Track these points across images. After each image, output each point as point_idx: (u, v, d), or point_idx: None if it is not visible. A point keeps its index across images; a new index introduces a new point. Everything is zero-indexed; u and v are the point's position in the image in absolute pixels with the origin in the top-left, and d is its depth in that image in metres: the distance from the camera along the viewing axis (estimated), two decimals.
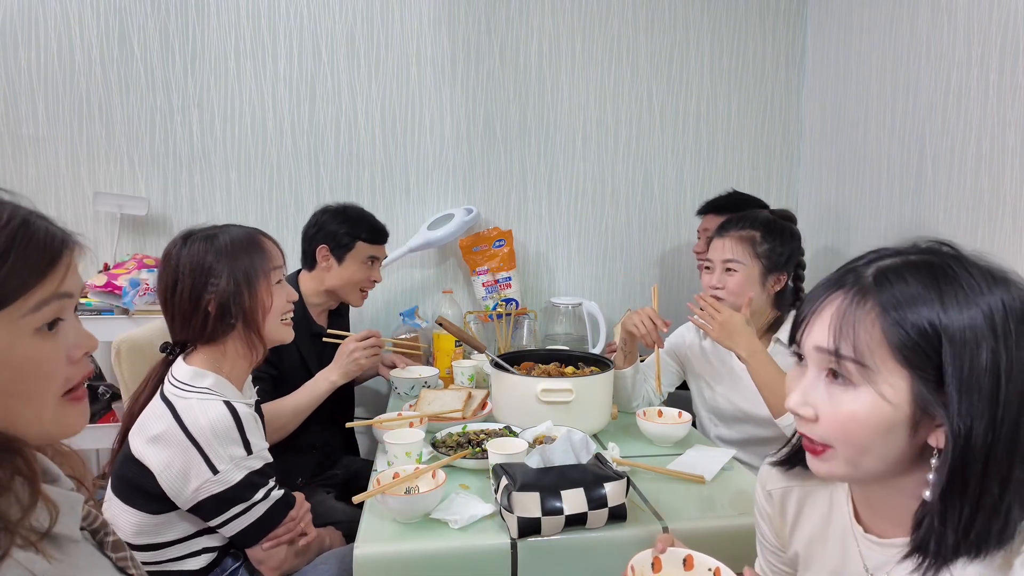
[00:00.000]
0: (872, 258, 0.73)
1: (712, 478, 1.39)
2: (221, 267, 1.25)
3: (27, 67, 2.29)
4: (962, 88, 1.84)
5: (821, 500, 0.87)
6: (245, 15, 2.37)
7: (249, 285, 1.26)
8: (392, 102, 2.48)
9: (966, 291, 0.66)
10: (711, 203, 2.28)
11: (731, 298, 1.66)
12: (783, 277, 1.69)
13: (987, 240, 1.75)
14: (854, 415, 0.69)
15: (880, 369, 0.68)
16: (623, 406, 1.78)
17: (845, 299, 0.71)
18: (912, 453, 0.70)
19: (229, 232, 1.30)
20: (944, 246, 0.72)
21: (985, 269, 0.69)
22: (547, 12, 2.51)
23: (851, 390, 0.70)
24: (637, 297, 2.68)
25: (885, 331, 0.67)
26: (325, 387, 1.69)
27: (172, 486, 1.16)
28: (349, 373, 1.72)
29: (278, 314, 1.32)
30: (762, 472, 0.96)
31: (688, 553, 0.93)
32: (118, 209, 2.31)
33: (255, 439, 1.21)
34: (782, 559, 0.96)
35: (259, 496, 1.21)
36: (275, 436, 1.63)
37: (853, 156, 2.34)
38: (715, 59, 2.60)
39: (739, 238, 1.67)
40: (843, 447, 0.71)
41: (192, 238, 1.29)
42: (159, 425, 1.18)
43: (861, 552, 0.80)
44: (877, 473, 0.72)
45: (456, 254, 2.57)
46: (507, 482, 1.15)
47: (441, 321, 1.83)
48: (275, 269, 1.32)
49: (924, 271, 0.69)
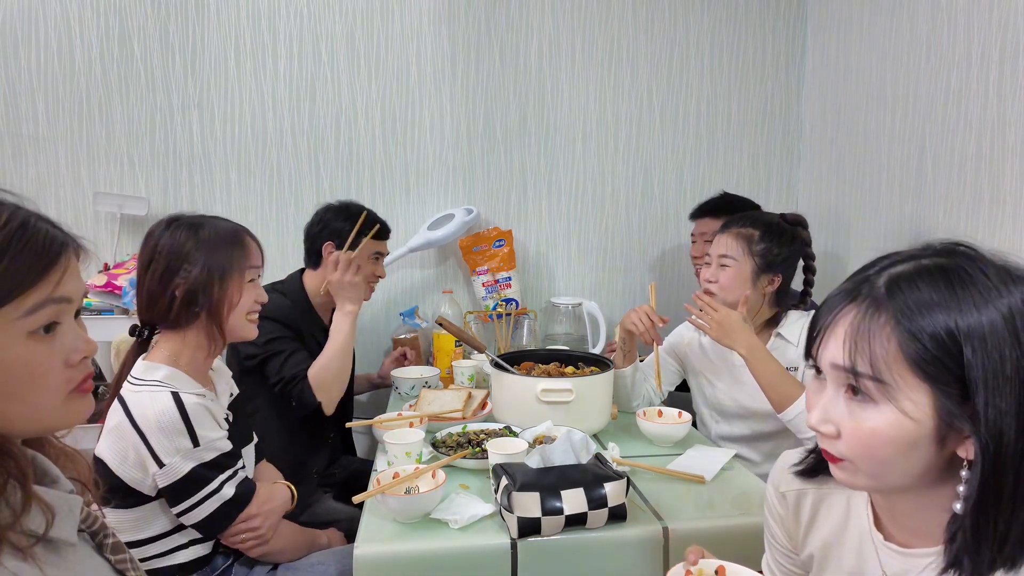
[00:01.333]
0: (884, 264, 0.70)
1: (712, 478, 1.39)
2: (198, 256, 1.26)
3: (27, 67, 2.29)
4: (962, 88, 1.84)
5: (837, 504, 0.85)
6: (245, 15, 2.37)
7: (221, 278, 1.27)
8: (392, 102, 2.48)
9: (982, 294, 0.63)
10: (703, 206, 2.28)
11: (721, 292, 1.67)
12: (777, 279, 1.68)
13: (987, 240, 1.74)
14: (876, 432, 0.66)
15: (900, 385, 0.65)
16: (623, 406, 1.78)
17: (858, 312, 0.68)
18: (940, 465, 0.67)
19: (215, 224, 1.32)
20: (960, 246, 0.69)
21: (1003, 268, 0.66)
22: (547, 12, 2.51)
23: (872, 407, 0.67)
24: (637, 297, 2.68)
25: (902, 345, 0.64)
26: (349, 321, 1.72)
27: (133, 477, 1.19)
28: (355, 298, 1.75)
29: (244, 311, 1.33)
30: (775, 473, 0.94)
31: (720, 564, 0.91)
32: (118, 209, 2.31)
33: (204, 430, 1.21)
34: (793, 561, 0.94)
35: (212, 487, 1.21)
36: (338, 382, 1.69)
37: (853, 156, 2.34)
38: (715, 59, 2.60)
39: (736, 234, 1.68)
40: (866, 463, 0.69)
41: (177, 223, 1.30)
42: (112, 420, 1.20)
43: (880, 559, 0.78)
44: (902, 486, 0.70)
45: (456, 254, 2.57)
46: (507, 482, 1.15)
47: (441, 321, 1.83)
48: (251, 268, 1.33)
49: (938, 276, 0.66)
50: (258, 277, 1.37)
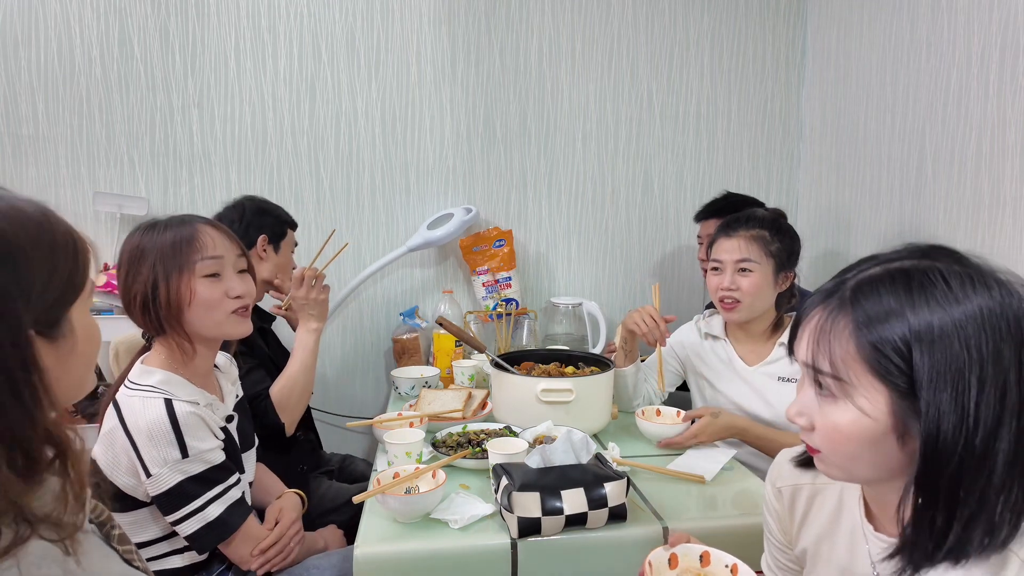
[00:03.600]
0: (864, 267, 0.74)
1: (712, 478, 1.39)
2: (147, 258, 1.21)
3: (27, 67, 2.29)
4: (962, 88, 1.84)
5: (831, 498, 0.88)
6: (245, 15, 2.37)
7: (167, 278, 1.20)
8: (392, 102, 2.48)
9: (938, 299, 0.67)
10: (708, 207, 2.25)
11: (748, 299, 1.63)
12: (790, 276, 1.67)
13: (987, 240, 1.75)
14: (837, 427, 0.71)
15: (856, 384, 0.69)
16: (624, 406, 1.78)
17: (824, 313, 0.72)
18: (907, 459, 0.70)
19: (169, 222, 1.25)
20: (937, 249, 0.72)
21: (970, 274, 0.68)
22: (547, 12, 2.51)
23: (833, 403, 0.72)
24: (637, 297, 2.68)
25: (859, 347, 0.69)
26: (314, 339, 1.66)
27: (126, 483, 1.17)
28: (321, 315, 1.68)
29: (210, 307, 1.23)
30: (772, 469, 0.96)
31: (705, 549, 0.93)
32: (118, 209, 2.31)
33: (196, 440, 1.15)
34: (789, 556, 0.96)
35: (196, 505, 1.16)
36: (302, 401, 1.65)
37: (853, 156, 2.34)
38: (715, 59, 2.60)
39: (751, 237, 1.63)
40: (835, 456, 0.73)
41: (139, 227, 1.26)
42: (107, 424, 1.18)
43: (869, 549, 0.81)
44: (872, 478, 0.74)
45: (456, 254, 2.57)
46: (507, 482, 1.15)
47: (441, 321, 1.83)
48: (205, 260, 1.23)
49: (900, 281, 0.69)
50: (223, 269, 1.26)
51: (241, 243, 1.34)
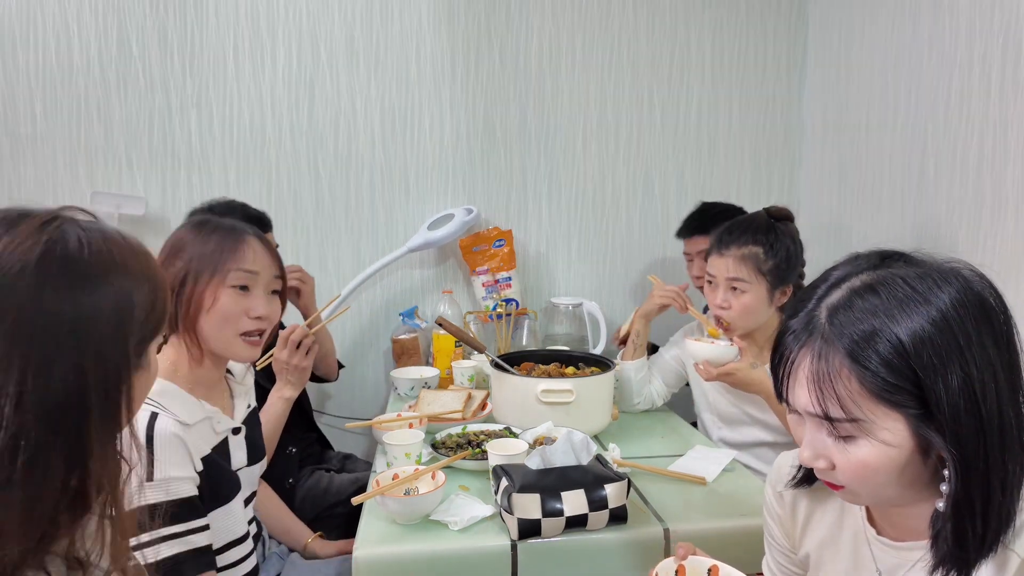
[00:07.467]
0: (821, 294, 0.73)
1: (713, 479, 1.38)
2: (186, 253, 1.17)
3: (25, 67, 2.28)
4: (964, 89, 1.83)
5: (833, 503, 0.88)
6: (244, 15, 2.37)
7: (196, 278, 1.15)
8: (392, 102, 2.48)
9: (913, 305, 0.67)
10: (687, 224, 2.20)
11: (738, 320, 1.61)
12: (788, 289, 1.63)
13: (989, 241, 1.74)
14: (865, 464, 0.70)
15: (873, 419, 0.68)
16: (625, 404, 1.77)
17: (813, 355, 0.71)
18: (930, 472, 0.71)
19: (222, 226, 1.21)
20: (886, 256, 0.73)
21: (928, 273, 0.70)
22: (547, 12, 2.50)
23: (854, 443, 0.70)
24: (638, 297, 2.67)
25: (862, 382, 0.68)
26: (281, 407, 1.52)
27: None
28: (299, 382, 1.54)
29: (226, 320, 1.17)
30: (772, 473, 0.96)
31: (713, 563, 0.91)
32: (116, 209, 2.30)
33: (167, 465, 1.01)
34: (792, 560, 0.96)
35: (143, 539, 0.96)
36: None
37: (855, 157, 2.33)
38: (716, 60, 2.60)
39: (741, 257, 1.58)
40: (863, 488, 0.72)
41: (191, 221, 1.23)
42: None
43: (874, 555, 0.80)
44: (898, 497, 0.74)
45: (456, 254, 2.56)
46: (507, 483, 1.14)
47: (441, 321, 1.82)
48: (239, 271, 1.18)
49: (869, 297, 0.69)
50: (255, 285, 1.20)
51: (283, 266, 1.28)
